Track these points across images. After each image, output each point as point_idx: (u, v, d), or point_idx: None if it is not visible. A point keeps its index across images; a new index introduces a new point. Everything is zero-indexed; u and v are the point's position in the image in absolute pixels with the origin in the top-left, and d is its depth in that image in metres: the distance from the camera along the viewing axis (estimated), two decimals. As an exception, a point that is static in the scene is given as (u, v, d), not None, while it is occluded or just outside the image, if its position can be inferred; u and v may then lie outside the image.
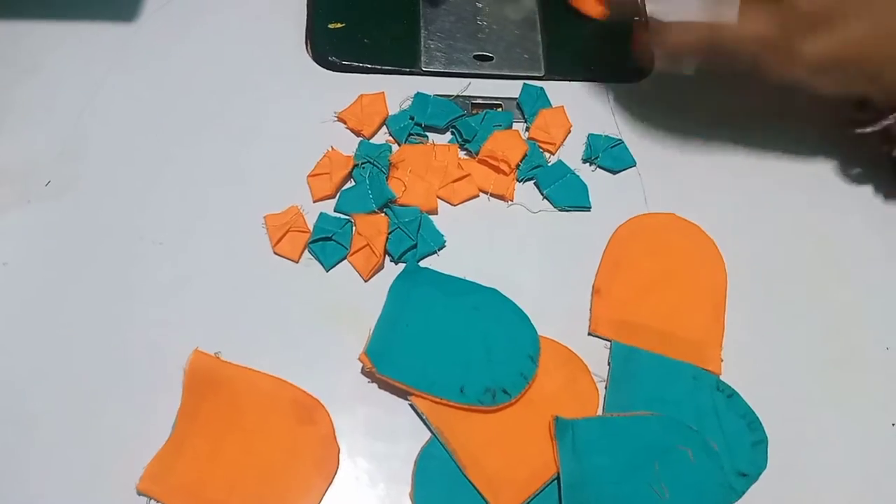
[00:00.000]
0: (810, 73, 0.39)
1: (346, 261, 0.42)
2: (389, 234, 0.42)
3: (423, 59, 0.48)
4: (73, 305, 0.40)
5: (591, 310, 0.41)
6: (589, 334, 0.41)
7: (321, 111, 0.46)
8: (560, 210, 0.44)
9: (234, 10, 0.49)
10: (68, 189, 0.43)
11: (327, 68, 0.48)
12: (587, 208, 0.45)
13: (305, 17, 0.49)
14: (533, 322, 0.40)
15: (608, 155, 0.46)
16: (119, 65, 0.47)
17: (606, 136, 0.46)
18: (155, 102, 0.46)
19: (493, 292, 0.41)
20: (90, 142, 0.44)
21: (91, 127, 0.45)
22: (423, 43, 0.49)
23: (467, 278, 0.42)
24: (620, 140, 0.46)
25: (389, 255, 0.42)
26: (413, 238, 0.42)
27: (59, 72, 0.46)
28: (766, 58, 0.40)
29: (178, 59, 0.47)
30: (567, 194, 0.45)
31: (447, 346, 0.38)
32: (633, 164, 0.46)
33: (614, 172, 0.46)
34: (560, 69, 0.49)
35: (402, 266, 0.42)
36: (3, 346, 0.38)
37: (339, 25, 0.48)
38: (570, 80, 0.49)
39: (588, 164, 0.46)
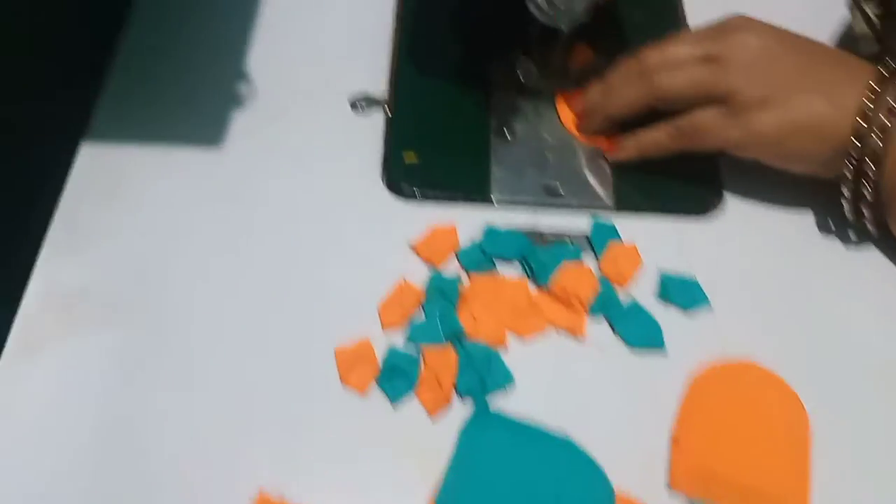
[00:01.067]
0: (759, 148, 0.46)
1: (413, 396, 0.42)
2: (458, 370, 0.42)
3: (493, 190, 0.49)
4: (136, 438, 0.40)
5: (669, 461, 0.40)
6: (668, 487, 0.39)
7: (393, 241, 0.47)
8: (633, 350, 0.43)
9: (313, 138, 0.51)
10: (146, 313, 0.44)
11: (401, 199, 0.49)
12: (661, 349, 0.44)
13: (382, 150, 0.51)
14: (607, 472, 0.38)
15: (681, 293, 0.45)
16: (200, 190, 0.49)
17: (679, 275, 0.46)
18: (233, 227, 0.47)
19: (566, 443, 0.39)
20: (163, 267, 0.45)
21: (171, 250, 0.46)
22: (493, 175, 0.50)
23: (537, 419, 0.41)
24: (693, 278, 0.46)
25: (457, 392, 0.41)
26: (482, 375, 0.41)
27: (145, 197, 0.48)
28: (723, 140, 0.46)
29: (255, 187, 0.49)
30: (640, 334, 0.44)
31: (518, 498, 0.37)
32: (707, 303, 0.45)
33: (688, 312, 0.45)
34: (629, 202, 0.49)
35: (469, 403, 0.41)
36: (58, 486, 0.38)
37: (413, 158, 0.50)
38: (639, 214, 0.49)
39: (661, 302, 0.45)
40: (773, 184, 0.49)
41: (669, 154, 0.48)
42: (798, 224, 0.49)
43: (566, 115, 0.52)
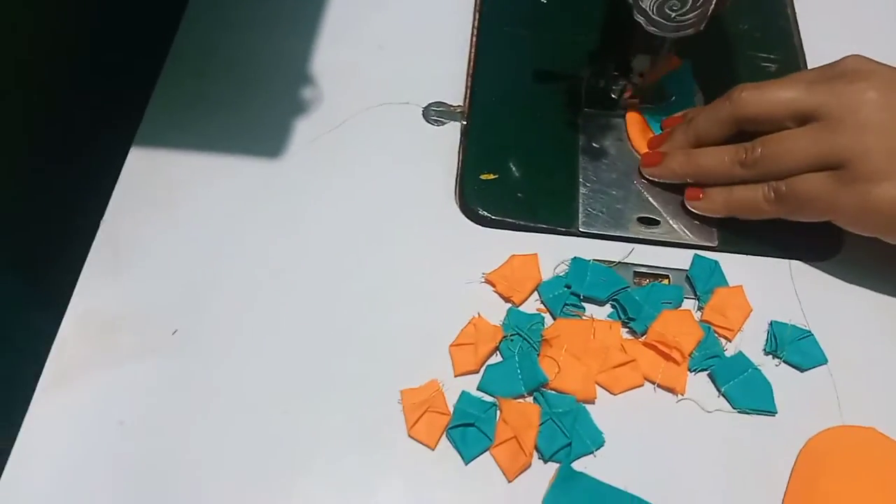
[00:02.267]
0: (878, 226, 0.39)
1: (488, 453, 0.37)
2: (540, 425, 0.37)
3: (581, 218, 0.44)
4: (190, 474, 0.36)
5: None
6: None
7: (468, 270, 0.42)
8: (739, 412, 0.38)
9: (383, 152, 0.46)
10: (193, 340, 0.40)
11: (476, 223, 0.44)
12: (772, 413, 0.38)
13: (457, 166, 0.46)
14: (713, 559, 0.33)
15: (795, 349, 0.39)
16: (258, 204, 0.44)
17: (793, 326, 0.40)
18: (291, 248, 0.43)
19: (664, 515, 0.34)
20: (219, 287, 0.41)
21: (222, 270, 0.42)
22: (581, 200, 0.44)
23: (629, 488, 0.36)
24: (809, 332, 0.40)
25: (539, 451, 0.37)
26: (567, 434, 0.36)
27: (194, 208, 0.44)
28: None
29: (319, 202, 0.44)
30: (748, 394, 0.38)
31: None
32: (825, 362, 0.40)
33: (802, 370, 0.39)
34: (736, 240, 0.43)
35: (551, 465, 0.36)
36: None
37: (491, 176, 0.45)
38: (747, 254, 0.43)
39: (771, 357, 0.40)
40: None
41: (763, 218, 0.41)
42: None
43: (634, 130, 0.46)
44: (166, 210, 0.44)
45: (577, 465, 0.36)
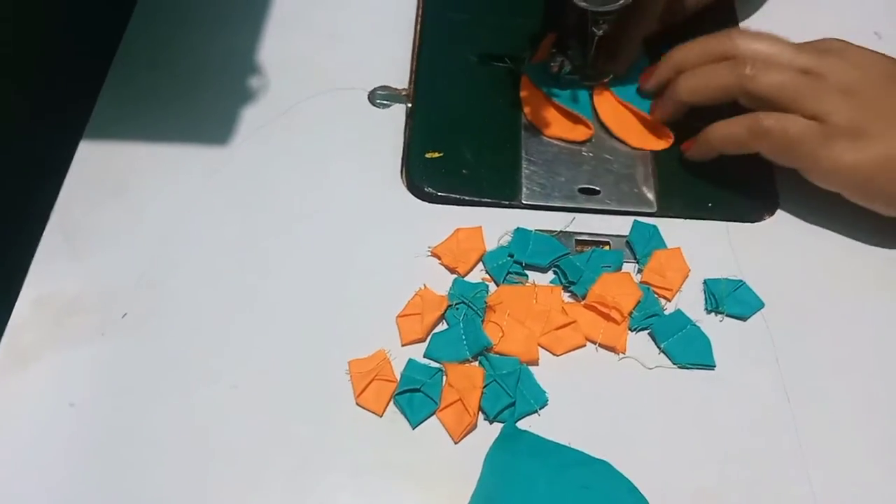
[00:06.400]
0: (844, 182, 0.41)
1: (434, 417, 0.38)
2: (484, 387, 0.38)
3: (523, 191, 0.45)
4: (142, 453, 0.36)
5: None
6: None
7: (414, 245, 0.43)
8: (680, 367, 0.39)
9: (328, 136, 0.47)
10: (145, 322, 0.40)
11: (422, 199, 0.45)
12: (711, 367, 0.39)
13: (402, 146, 0.47)
14: (650, 500, 0.34)
15: (732, 300, 0.41)
16: (207, 190, 0.45)
17: (725, 280, 0.41)
18: (240, 230, 0.44)
19: (604, 466, 0.35)
20: (171, 270, 0.42)
21: (173, 254, 0.43)
22: (524, 174, 0.45)
23: (573, 444, 0.37)
24: (741, 281, 0.41)
25: (484, 412, 0.37)
26: (511, 394, 0.37)
27: (145, 194, 0.45)
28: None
29: (269, 185, 0.45)
30: (687, 349, 0.39)
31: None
32: (762, 306, 0.41)
33: (745, 319, 0.41)
34: (674, 206, 0.44)
35: (496, 426, 0.37)
36: (65, 495, 0.35)
37: (436, 155, 0.46)
38: (686, 218, 0.44)
39: (714, 314, 0.41)
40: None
41: (742, 153, 0.43)
42: (860, 230, 0.44)
43: (605, 109, 0.48)
44: (117, 196, 0.45)
45: (522, 424, 0.37)
